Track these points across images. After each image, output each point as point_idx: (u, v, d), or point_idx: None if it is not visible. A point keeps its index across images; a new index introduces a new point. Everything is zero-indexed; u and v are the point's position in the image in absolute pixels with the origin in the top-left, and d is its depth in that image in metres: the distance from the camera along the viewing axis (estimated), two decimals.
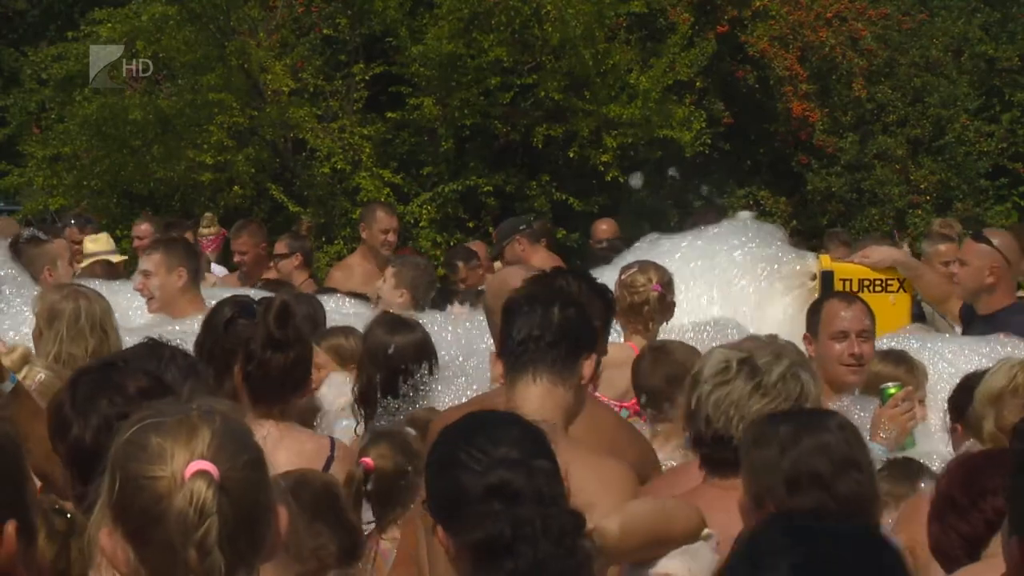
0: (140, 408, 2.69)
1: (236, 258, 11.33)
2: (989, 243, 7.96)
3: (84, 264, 11.24)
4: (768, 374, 4.13)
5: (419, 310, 7.99)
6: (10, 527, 2.51)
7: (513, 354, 4.30)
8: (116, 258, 11.56)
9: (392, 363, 5.95)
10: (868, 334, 6.56)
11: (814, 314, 6.74)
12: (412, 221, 19.23)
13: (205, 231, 13.13)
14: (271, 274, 10.92)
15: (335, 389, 6.35)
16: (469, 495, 3.27)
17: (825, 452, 3.70)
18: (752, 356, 4.16)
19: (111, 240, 12.07)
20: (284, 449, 4.93)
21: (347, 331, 6.97)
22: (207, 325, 5.52)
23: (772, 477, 3.71)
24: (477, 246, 12.53)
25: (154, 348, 4.62)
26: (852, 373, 6.48)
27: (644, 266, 7.07)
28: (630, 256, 8.04)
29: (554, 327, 4.26)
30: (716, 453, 4.15)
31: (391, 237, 10.93)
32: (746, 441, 3.85)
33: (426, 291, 8.46)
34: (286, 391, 5.07)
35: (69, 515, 3.27)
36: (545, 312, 4.28)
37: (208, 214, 14.21)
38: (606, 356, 5.72)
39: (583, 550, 3.29)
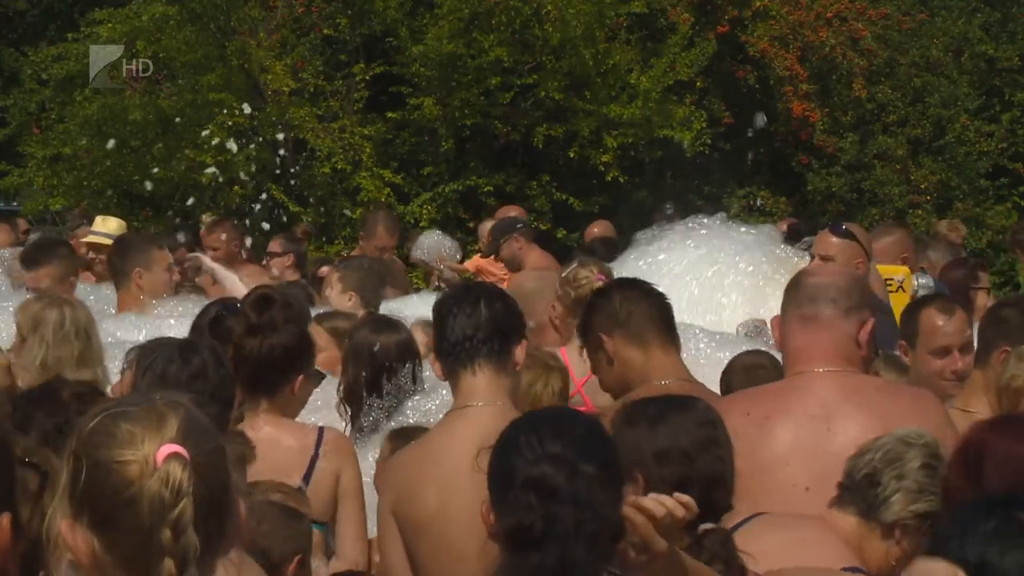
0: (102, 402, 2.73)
1: (209, 255, 11.32)
2: (853, 237, 7.72)
3: (87, 239, 11.32)
4: (941, 468, 4.13)
5: (372, 309, 8.06)
6: (4, 521, 2.52)
7: (451, 354, 4.59)
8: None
9: (376, 361, 6.05)
10: (970, 345, 6.24)
11: (911, 322, 6.41)
12: (412, 221, 19.22)
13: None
14: (250, 270, 10.88)
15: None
16: (513, 480, 3.36)
17: (689, 431, 3.96)
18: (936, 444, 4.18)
19: (123, 227, 12.04)
20: (275, 447, 4.96)
21: (348, 315, 7.07)
22: (194, 327, 5.62)
23: (642, 451, 3.96)
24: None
25: (186, 345, 4.71)
26: (953, 388, 6.17)
27: (585, 261, 7.09)
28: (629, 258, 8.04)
29: (484, 323, 4.58)
30: (852, 489, 4.18)
31: (386, 255, 10.93)
32: (618, 422, 4.09)
33: (374, 291, 8.42)
34: (269, 377, 5.09)
35: (44, 471, 3.28)
36: (474, 311, 4.58)
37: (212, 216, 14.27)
38: None
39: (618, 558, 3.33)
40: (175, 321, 7.20)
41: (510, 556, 3.31)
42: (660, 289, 5.32)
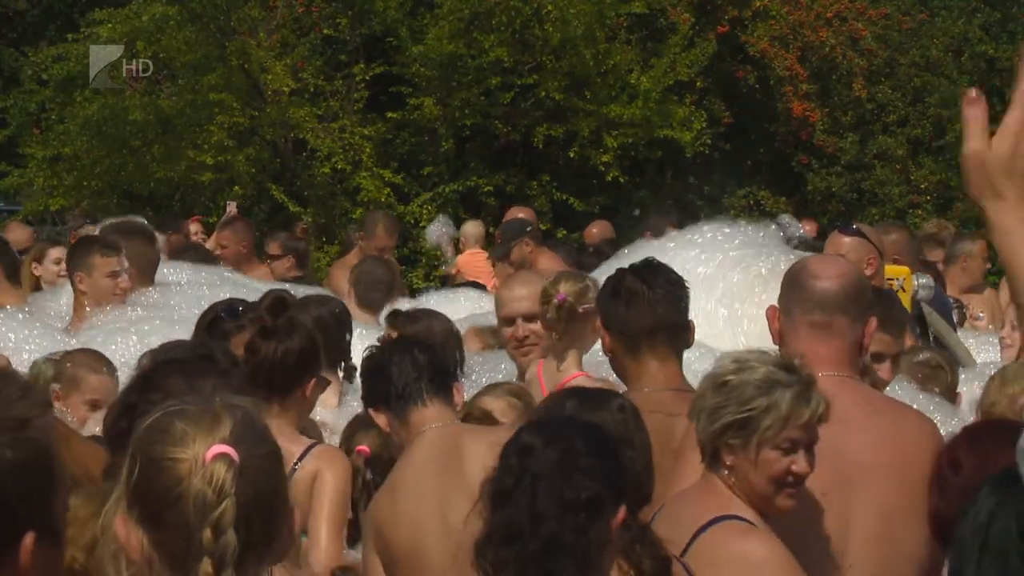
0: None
1: (217, 251, 11.32)
2: (863, 235, 7.70)
3: None
4: (736, 377, 4.12)
5: (365, 311, 8.41)
6: (28, 540, 2.51)
7: (400, 397, 4.74)
8: None
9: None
10: None
11: None
12: (412, 221, 19.23)
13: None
14: (260, 271, 10.89)
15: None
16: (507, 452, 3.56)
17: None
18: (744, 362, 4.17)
19: None
20: None
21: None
22: (197, 327, 5.66)
23: None
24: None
25: (198, 347, 4.72)
26: None
27: (561, 276, 6.70)
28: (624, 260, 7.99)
29: (426, 366, 4.78)
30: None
31: (385, 255, 10.96)
32: (538, 413, 4.23)
33: (378, 296, 8.62)
34: (281, 381, 5.08)
35: None
36: (412, 357, 4.79)
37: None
38: None
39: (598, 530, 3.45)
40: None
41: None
42: (677, 279, 5.24)
